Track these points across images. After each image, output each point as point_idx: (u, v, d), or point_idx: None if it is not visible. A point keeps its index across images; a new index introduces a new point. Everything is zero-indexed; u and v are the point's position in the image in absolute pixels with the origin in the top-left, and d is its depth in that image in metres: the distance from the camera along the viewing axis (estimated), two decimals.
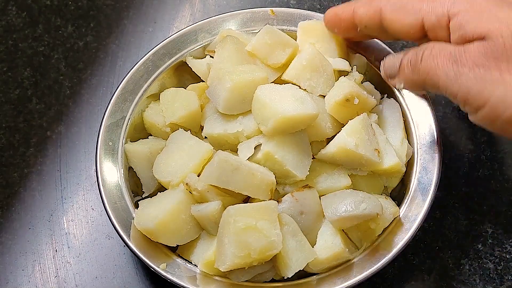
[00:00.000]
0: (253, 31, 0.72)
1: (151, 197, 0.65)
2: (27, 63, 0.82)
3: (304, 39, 0.69)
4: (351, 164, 0.64)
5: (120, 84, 0.70)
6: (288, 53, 0.66)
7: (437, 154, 0.65)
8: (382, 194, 0.66)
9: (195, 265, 0.63)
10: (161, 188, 0.66)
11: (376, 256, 0.62)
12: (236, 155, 0.63)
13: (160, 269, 0.61)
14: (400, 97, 0.69)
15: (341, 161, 0.64)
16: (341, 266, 0.62)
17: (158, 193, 0.64)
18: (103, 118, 0.68)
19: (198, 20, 0.74)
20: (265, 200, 0.61)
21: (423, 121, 0.67)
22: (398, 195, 0.67)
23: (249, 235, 0.58)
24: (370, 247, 0.63)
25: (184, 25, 0.84)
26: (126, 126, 0.68)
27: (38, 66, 0.82)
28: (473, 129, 0.76)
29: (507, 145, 0.75)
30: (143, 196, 0.67)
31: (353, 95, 0.63)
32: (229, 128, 0.64)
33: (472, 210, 0.72)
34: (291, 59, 0.66)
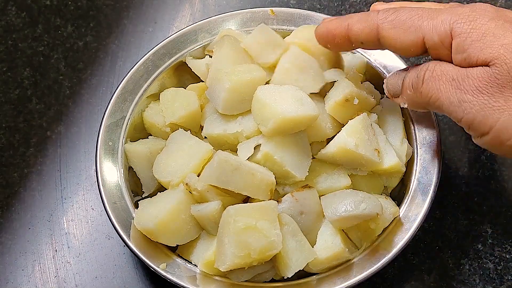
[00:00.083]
0: (253, 31, 0.72)
1: (151, 197, 0.65)
2: (26, 63, 0.82)
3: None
4: (351, 164, 0.64)
5: (120, 84, 0.70)
6: (277, 54, 0.65)
7: (437, 154, 0.65)
8: (382, 194, 0.66)
9: (195, 265, 0.63)
10: (161, 188, 0.66)
11: (376, 256, 0.62)
12: (236, 155, 0.63)
13: (160, 269, 0.61)
14: None
15: (341, 161, 0.64)
16: (341, 266, 0.62)
17: (158, 193, 0.64)
18: (103, 118, 0.68)
19: (198, 20, 0.74)
20: (265, 200, 0.61)
21: (423, 121, 0.67)
22: (398, 195, 0.67)
23: (249, 235, 0.58)
24: (370, 247, 0.63)
25: (184, 25, 0.84)
26: (126, 126, 0.68)
27: (38, 66, 0.82)
28: None
29: None
30: (143, 196, 0.67)
31: (353, 95, 0.63)
32: (228, 128, 0.64)
33: (472, 210, 0.72)
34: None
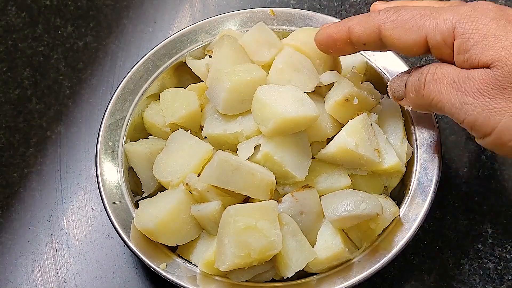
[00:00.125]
0: (251, 28, 0.71)
1: (151, 197, 0.65)
2: (26, 63, 0.82)
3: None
4: (351, 164, 0.64)
5: (120, 84, 0.70)
6: (272, 53, 0.65)
7: (437, 154, 0.65)
8: (382, 194, 0.66)
9: (195, 265, 0.63)
10: (161, 188, 0.66)
11: (376, 256, 0.62)
12: (236, 155, 0.63)
13: (160, 269, 0.61)
14: None
15: (341, 161, 0.64)
16: (341, 266, 0.62)
17: (158, 193, 0.64)
18: (103, 118, 0.68)
19: (198, 20, 0.74)
20: (265, 200, 0.61)
21: (423, 121, 0.67)
22: (398, 195, 0.67)
23: (249, 235, 0.58)
24: (370, 247, 0.63)
25: (184, 25, 0.84)
26: (126, 126, 0.68)
27: (38, 66, 0.82)
28: None
29: None
30: (143, 196, 0.67)
31: (352, 95, 0.63)
32: (228, 128, 0.64)
33: (472, 210, 0.72)
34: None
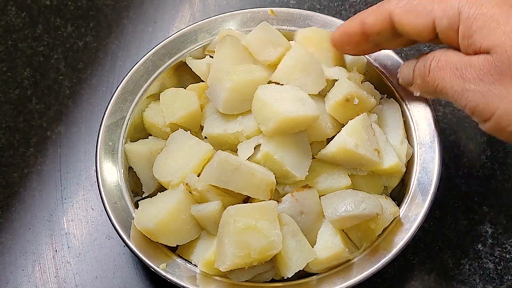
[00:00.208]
0: (255, 28, 0.71)
1: (151, 197, 0.65)
2: (26, 63, 0.82)
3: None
4: (351, 164, 0.64)
5: (120, 84, 0.70)
6: (279, 52, 0.66)
7: (437, 154, 0.65)
8: (382, 194, 0.66)
9: (195, 265, 0.63)
10: (161, 188, 0.66)
11: (376, 256, 0.62)
12: (236, 155, 0.63)
13: (160, 269, 0.61)
14: (400, 97, 0.69)
15: (341, 161, 0.64)
16: (341, 266, 0.62)
17: (158, 193, 0.64)
18: (103, 118, 0.68)
19: (198, 20, 0.74)
20: (265, 200, 0.61)
21: (423, 121, 0.67)
22: (398, 195, 0.67)
23: (249, 235, 0.58)
24: (370, 247, 0.63)
25: (184, 25, 0.84)
26: (126, 126, 0.68)
27: (38, 66, 0.82)
28: (473, 129, 0.76)
29: (507, 145, 0.75)
30: (143, 196, 0.67)
31: (353, 95, 0.63)
32: (229, 128, 0.64)
33: (472, 210, 0.72)
34: (281, 59, 0.66)
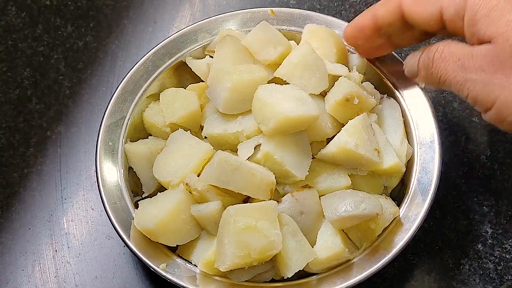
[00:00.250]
0: (254, 28, 0.71)
1: (151, 197, 0.65)
2: (26, 63, 0.82)
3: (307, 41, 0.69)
4: (351, 164, 0.64)
5: (120, 84, 0.70)
6: (279, 51, 0.66)
7: (437, 154, 0.65)
8: (382, 194, 0.66)
9: (195, 265, 0.63)
10: (161, 188, 0.66)
11: (376, 256, 0.62)
12: (236, 155, 0.63)
13: (160, 269, 0.61)
14: (400, 97, 0.69)
15: (341, 161, 0.64)
16: (341, 266, 0.62)
17: (158, 193, 0.64)
18: (103, 118, 0.68)
19: (198, 20, 0.74)
20: (265, 200, 0.61)
21: (423, 121, 0.67)
22: (398, 195, 0.67)
23: (249, 235, 0.58)
24: (370, 247, 0.63)
25: (184, 25, 0.84)
26: (126, 126, 0.68)
27: (38, 66, 0.82)
28: (473, 129, 0.76)
29: (507, 145, 0.75)
30: (143, 196, 0.67)
31: (353, 95, 0.63)
32: (229, 128, 0.64)
33: (472, 210, 0.72)
34: (282, 58, 0.66)
